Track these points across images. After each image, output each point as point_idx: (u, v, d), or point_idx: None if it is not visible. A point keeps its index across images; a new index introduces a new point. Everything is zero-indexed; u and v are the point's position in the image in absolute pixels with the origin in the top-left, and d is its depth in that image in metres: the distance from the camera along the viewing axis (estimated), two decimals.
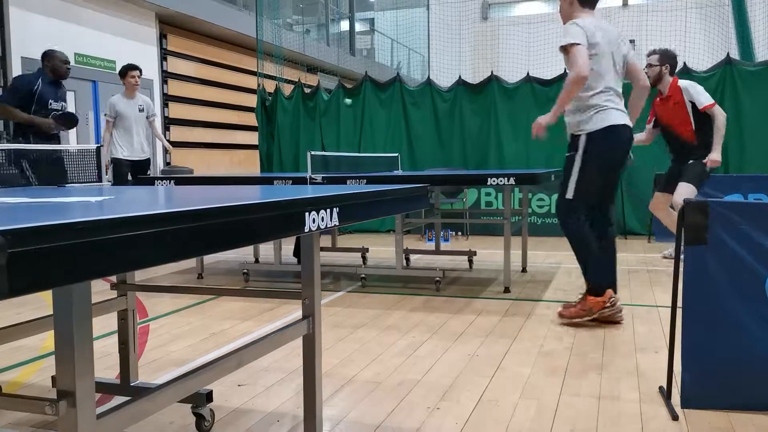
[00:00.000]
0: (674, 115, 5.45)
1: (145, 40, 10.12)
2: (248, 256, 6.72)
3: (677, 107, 5.42)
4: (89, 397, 1.28)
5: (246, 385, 2.86)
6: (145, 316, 4.21)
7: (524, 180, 4.57)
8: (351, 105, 8.76)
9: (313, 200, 1.61)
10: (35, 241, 0.84)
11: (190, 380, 1.65)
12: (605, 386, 2.78)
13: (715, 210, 2.41)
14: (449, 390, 2.76)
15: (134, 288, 2.51)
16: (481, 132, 8.62)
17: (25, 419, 2.49)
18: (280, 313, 4.25)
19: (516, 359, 3.18)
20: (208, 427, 2.37)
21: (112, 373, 2.97)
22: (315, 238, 2.05)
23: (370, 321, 4.01)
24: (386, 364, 3.13)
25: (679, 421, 2.40)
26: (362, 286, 5.12)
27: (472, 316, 4.08)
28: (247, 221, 1.33)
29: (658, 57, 5.44)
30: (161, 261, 1.08)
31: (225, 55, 12.16)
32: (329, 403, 2.63)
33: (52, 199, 1.67)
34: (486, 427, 2.37)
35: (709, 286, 2.44)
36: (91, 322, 1.29)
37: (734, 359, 2.44)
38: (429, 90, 8.82)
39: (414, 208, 2.29)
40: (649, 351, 3.29)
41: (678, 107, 5.42)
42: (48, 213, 1.19)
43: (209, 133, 11.71)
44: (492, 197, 8.56)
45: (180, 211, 1.14)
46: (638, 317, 3.99)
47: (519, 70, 9.47)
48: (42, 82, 5.67)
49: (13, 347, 3.47)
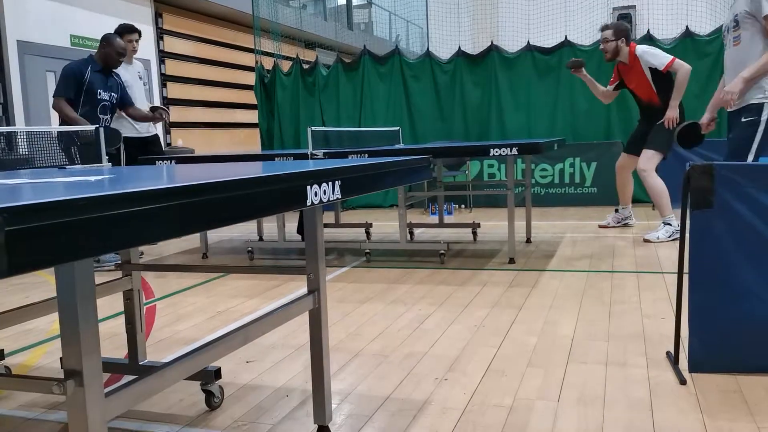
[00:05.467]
0: (637, 82, 5.59)
1: (141, 20, 10.00)
2: (252, 234, 6.73)
3: (638, 74, 5.55)
4: (96, 376, 1.28)
5: (254, 361, 2.87)
6: (152, 297, 4.22)
7: (527, 150, 4.53)
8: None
9: (315, 173, 1.59)
10: (33, 218, 0.83)
11: (197, 357, 1.65)
12: (612, 353, 2.79)
13: (721, 173, 2.39)
14: (456, 361, 2.77)
15: (139, 268, 2.51)
16: (482, 103, 8.55)
17: (36, 401, 2.51)
18: (286, 290, 4.26)
19: (522, 329, 3.19)
20: (218, 403, 2.38)
21: (121, 353, 2.99)
22: (318, 213, 2.03)
23: (376, 295, 4.01)
24: (393, 337, 3.14)
25: (687, 385, 2.40)
26: (367, 261, 5.12)
27: (478, 288, 4.08)
28: (248, 195, 1.32)
29: (612, 32, 5.59)
30: (161, 237, 1.07)
31: (222, 32, 12.04)
32: (337, 377, 2.64)
33: (51, 179, 1.66)
34: (494, 396, 2.38)
35: (716, 250, 2.42)
36: (95, 300, 1.28)
37: (741, 322, 2.44)
38: (428, 62, 8.74)
39: (416, 180, 2.27)
40: (655, 317, 3.29)
41: (638, 74, 5.55)
42: (46, 192, 1.17)
43: (209, 113, 11.65)
44: (494, 169, 8.52)
45: (180, 186, 1.12)
46: (644, 284, 3.99)
47: (519, 39, 9.36)
48: (91, 69, 5.26)
49: (21, 330, 3.49)
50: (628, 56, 5.57)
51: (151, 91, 10.04)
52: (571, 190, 8.20)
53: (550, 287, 4.02)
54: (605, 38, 5.60)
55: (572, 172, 8.18)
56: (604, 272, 4.37)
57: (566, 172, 8.20)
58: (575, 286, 4.03)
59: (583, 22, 9.96)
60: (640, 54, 5.49)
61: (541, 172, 8.29)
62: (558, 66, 8.21)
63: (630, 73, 5.63)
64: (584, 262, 4.75)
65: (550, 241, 5.76)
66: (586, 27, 9.99)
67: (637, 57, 5.50)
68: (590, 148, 8.06)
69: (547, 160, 8.18)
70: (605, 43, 5.59)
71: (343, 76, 9.12)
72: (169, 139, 10.33)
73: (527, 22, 10.48)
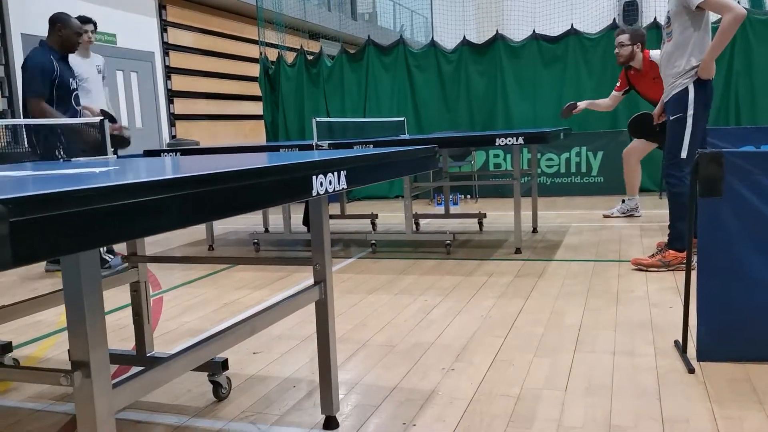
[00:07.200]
0: (654, 89, 5.31)
1: (145, 12, 9.99)
2: (258, 226, 6.73)
3: (656, 81, 5.18)
4: (104, 367, 1.28)
5: (261, 352, 2.88)
6: (158, 289, 4.23)
7: (533, 139, 4.51)
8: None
9: (320, 163, 1.58)
10: (37, 209, 0.82)
11: (204, 348, 1.65)
12: (620, 342, 2.78)
13: (730, 161, 2.36)
14: (463, 351, 2.77)
15: (145, 260, 2.51)
16: (488, 93, 8.51)
17: (44, 392, 2.52)
18: (292, 281, 4.26)
19: (529, 319, 3.18)
20: (225, 394, 2.39)
21: (129, 345, 3.00)
22: (324, 203, 2.03)
23: (382, 286, 4.01)
24: (399, 328, 3.14)
25: (695, 373, 2.39)
26: (373, 252, 5.12)
27: (484, 278, 4.07)
28: (254, 186, 1.31)
29: (629, 36, 5.37)
30: (167, 228, 1.07)
31: (226, 24, 12.01)
32: (344, 367, 2.64)
33: (55, 171, 1.66)
34: (501, 386, 2.38)
35: (725, 238, 2.40)
36: (101, 291, 1.28)
37: (750, 310, 2.42)
38: (433, 52, 8.69)
39: (422, 170, 2.26)
40: (663, 306, 3.27)
41: (657, 81, 5.28)
42: (50, 183, 1.17)
43: (213, 105, 11.64)
44: (500, 159, 8.49)
45: (186, 176, 1.12)
46: (651, 273, 3.97)
47: (525, 27, 9.31)
48: (54, 59, 4.60)
49: (29, 323, 3.51)
50: (643, 63, 5.38)
51: (155, 83, 10.06)
52: (578, 180, 8.16)
53: (557, 277, 4.01)
54: (621, 42, 5.36)
55: (579, 161, 8.14)
56: (611, 261, 4.35)
57: (572, 161, 8.17)
58: (582, 275, 4.01)
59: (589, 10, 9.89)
60: (655, 58, 5.22)
61: (547, 162, 8.25)
62: (564, 54, 8.15)
63: (645, 82, 5.45)
64: (591, 251, 4.74)
65: (556, 230, 5.74)
66: (592, 15, 9.92)
67: (654, 64, 5.22)
68: (597, 138, 8.02)
69: (553, 149, 8.14)
70: (620, 47, 5.35)
71: (347, 66, 9.09)
72: (174, 132, 10.33)
73: (533, 11, 10.41)
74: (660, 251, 4.07)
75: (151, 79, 10.02)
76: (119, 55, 9.12)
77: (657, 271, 3.99)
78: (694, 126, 3.78)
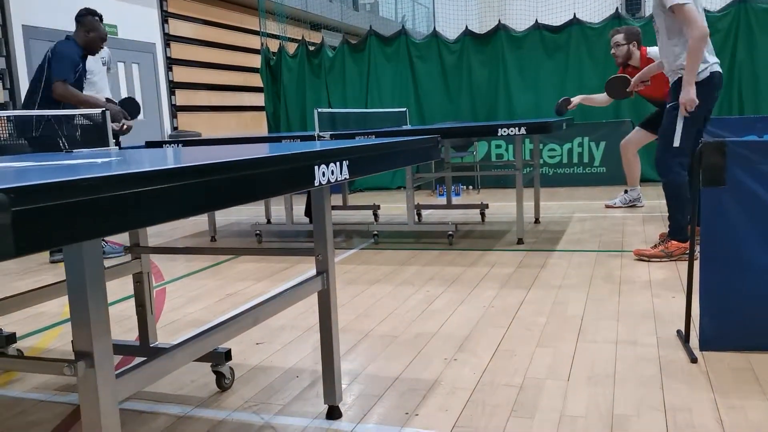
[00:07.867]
0: (654, 86, 5.24)
1: (146, 3, 9.95)
2: (260, 217, 6.73)
3: (655, 78, 5.13)
4: (107, 357, 1.28)
5: (264, 343, 2.88)
6: (161, 280, 4.24)
7: (535, 129, 4.49)
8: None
9: (322, 153, 1.58)
10: (39, 199, 0.82)
11: (207, 339, 1.65)
12: (622, 332, 2.78)
13: (733, 150, 2.36)
14: (466, 341, 2.77)
15: (148, 251, 2.51)
16: (490, 83, 8.48)
17: (47, 383, 2.53)
18: (295, 272, 4.26)
19: (531, 309, 3.18)
20: (229, 384, 2.40)
21: (132, 336, 3.00)
22: (326, 194, 2.02)
23: (385, 277, 4.01)
24: (402, 318, 3.14)
25: (698, 363, 2.39)
26: (375, 243, 5.12)
27: (486, 269, 4.07)
28: (256, 176, 1.31)
29: (623, 35, 5.36)
30: (169, 218, 1.06)
31: (227, 15, 11.96)
32: (347, 357, 2.65)
33: (57, 162, 1.65)
34: (503, 376, 2.38)
35: (728, 227, 2.40)
36: (104, 281, 1.28)
37: (753, 300, 2.42)
38: (435, 42, 8.66)
39: (424, 160, 2.25)
40: (665, 296, 3.27)
41: (656, 78, 5.15)
42: (52, 173, 1.17)
43: (215, 96, 11.61)
44: (503, 149, 8.47)
45: (187, 166, 1.11)
46: (654, 263, 3.96)
47: (527, 17, 9.26)
48: (78, 55, 4.77)
49: (33, 314, 3.52)
50: (640, 60, 5.34)
51: (156, 75, 10.03)
52: (580, 170, 8.15)
53: (559, 267, 4.01)
54: (616, 43, 5.35)
55: (581, 151, 8.12)
56: (614, 252, 4.35)
57: (575, 151, 8.14)
58: (584, 265, 4.01)
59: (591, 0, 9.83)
60: (653, 55, 5.21)
61: (549, 152, 8.23)
62: (566, 44, 8.12)
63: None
64: (593, 241, 4.73)
65: (558, 221, 5.73)
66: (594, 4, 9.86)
67: (650, 60, 5.20)
68: (599, 128, 7.99)
69: (555, 139, 8.12)
70: (616, 47, 5.35)
71: (349, 57, 9.06)
72: (176, 123, 10.31)
73: (535, 0, 10.36)
74: (662, 242, 4.07)
75: (153, 70, 9.99)
76: (120, 46, 9.09)
77: (659, 261, 3.99)
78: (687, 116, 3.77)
